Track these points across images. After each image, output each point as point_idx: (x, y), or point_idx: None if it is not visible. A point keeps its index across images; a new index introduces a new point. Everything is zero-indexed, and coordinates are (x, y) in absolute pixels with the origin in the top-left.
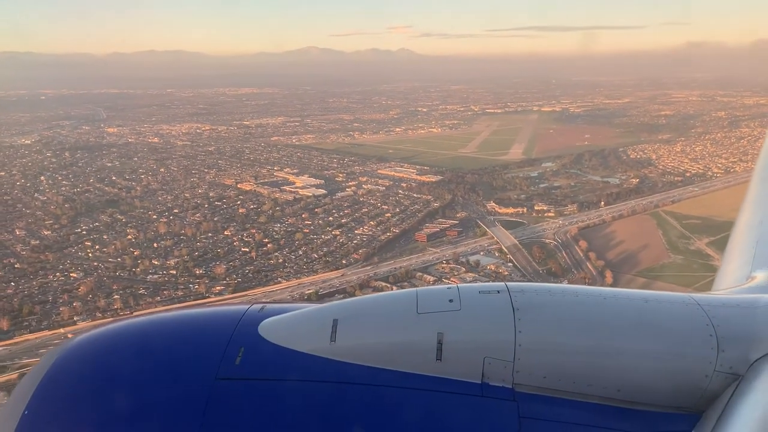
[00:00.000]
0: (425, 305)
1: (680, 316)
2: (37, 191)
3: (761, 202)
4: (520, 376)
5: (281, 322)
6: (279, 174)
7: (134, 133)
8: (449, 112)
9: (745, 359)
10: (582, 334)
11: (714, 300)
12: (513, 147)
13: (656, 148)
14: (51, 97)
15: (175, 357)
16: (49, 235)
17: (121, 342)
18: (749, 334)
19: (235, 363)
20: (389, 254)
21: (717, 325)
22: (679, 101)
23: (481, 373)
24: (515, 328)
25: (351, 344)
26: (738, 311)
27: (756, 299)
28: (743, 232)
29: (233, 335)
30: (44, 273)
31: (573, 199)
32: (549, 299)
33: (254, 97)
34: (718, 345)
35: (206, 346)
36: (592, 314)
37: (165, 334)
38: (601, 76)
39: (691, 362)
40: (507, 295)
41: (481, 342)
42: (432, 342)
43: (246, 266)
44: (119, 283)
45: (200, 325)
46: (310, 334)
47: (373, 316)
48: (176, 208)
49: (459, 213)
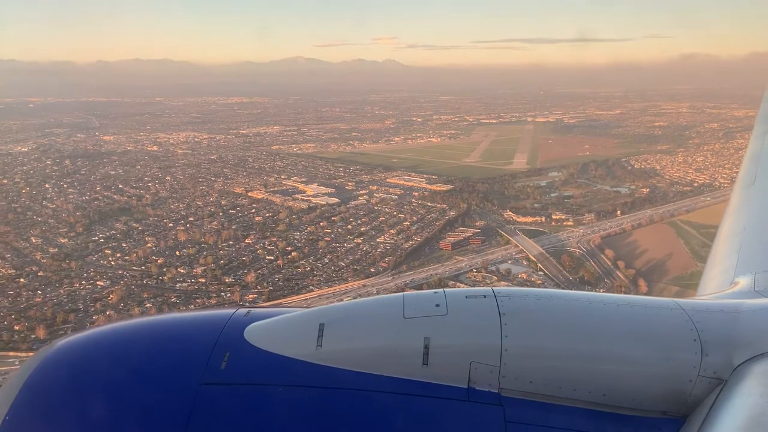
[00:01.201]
0: (412, 310)
1: (665, 321)
2: (45, 199)
3: (744, 209)
4: (507, 380)
5: (267, 327)
6: (287, 182)
7: (131, 141)
8: (444, 122)
9: (728, 364)
10: (568, 339)
11: (698, 305)
12: (516, 157)
13: (658, 159)
14: (39, 105)
15: (159, 361)
16: (67, 243)
17: (105, 346)
18: (733, 339)
19: (221, 368)
20: (416, 262)
21: (701, 330)
22: (669, 113)
23: (468, 378)
24: (502, 333)
25: (337, 349)
26: (722, 316)
27: (739, 304)
28: (727, 239)
29: (218, 340)
30: (69, 281)
31: (588, 208)
32: (535, 304)
33: (245, 106)
34: (702, 350)
35: (191, 351)
36: (578, 319)
37: (150, 338)
38: (587, 87)
39: (675, 367)
40: (494, 300)
41: (467, 347)
42: (419, 347)
43: (274, 274)
44: (149, 291)
45: (185, 330)
46: (297, 338)
47: (359, 321)
48: (191, 216)
49: (478, 222)
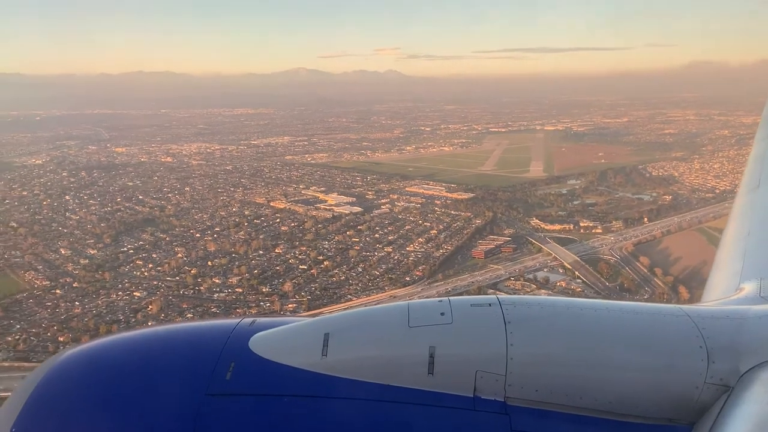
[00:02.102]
0: (417, 319)
1: (671, 328)
2: (68, 210)
3: (748, 214)
4: (512, 389)
5: (272, 337)
6: (307, 192)
7: (144, 152)
8: (453, 131)
9: (735, 371)
10: (573, 346)
11: (704, 312)
12: (531, 165)
13: (674, 166)
14: (45, 118)
15: (165, 372)
16: (97, 254)
17: (111, 357)
18: (739, 346)
19: (226, 378)
20: (451, 271)
21: (707, 337)
22: (677, 120)
23: (473, 387)
24: (507, 342)
25: (342, 358)
26: (727, 323)
27: (745, 311)
28: (731, 244)
29: (223, 350)
30: (106, 292)
31: (614, 215)
32: (540, 312)
33: (252, 117)
34: (709, 356)
35: (196, 361)
36: (583, 327)
37: (155, 348)
38: (590, 96)
39: (681, 374)
40: (498, 308)
41: (472, 355)
42: (424, 356)
43: (310, 283)
44: (187, 301)
45: (191, 340)
46: (302, 348)
47: (364, 330)
48: (217, 226)
49: (506, 230)
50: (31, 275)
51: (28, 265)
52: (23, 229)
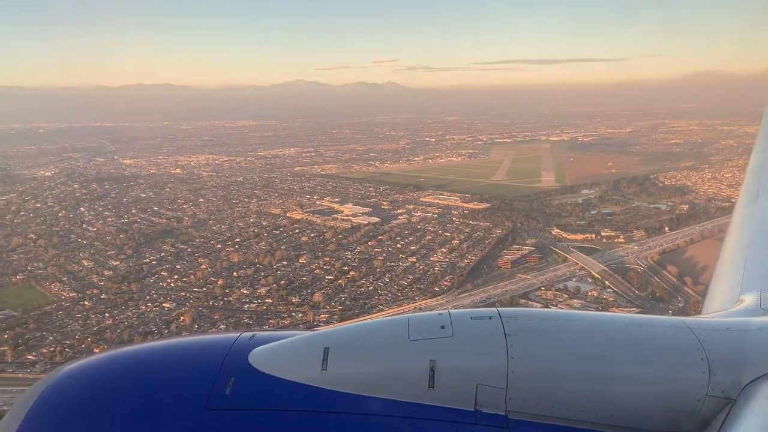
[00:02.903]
0: (417, 332)
1: (672, 341)
2: (84, 222)
3: (748, 225)
4: (513, 402)
5: (272, 351)
6: (322, 203)
7: (152, 164)
8: (458, 142)
9: (737, 383)
10: (574, 359)
11: (704, 324)
12: (543, 175)
13: (685, 175)
14: (49, 131)
15: (164, 387)
16: (120, 265)
17: (109, 372)
18: (740, 358)
19: (225, 393)
20: (479, 281)
21: (708, 349)
22: (681, 130)
23: (474, 401)
24: (507, 355)
25: (343, 372)
26: (729, 335)
27: (746, 322)
28: (731, 255)
29: (223, 365)
30: (134, 303)
31: (635, 225)
32: (541, 325)
33: (255, 129)
34: (710, 369)
35: (196, 376)
36: (584, 339)
37: (154, 363)
38: (590, 107)
39: (683, 386)
40: (499, 320)
41: (473, 369)
42: (424, 369)
43: (339, 294)
44: (218, 312)
45: (190, 355)
46: (301, 362)
47: (364, 344)
48: (236, 237)
49: (528, 239)
50: (56, 287)
51: (53, 276)
52: (42, 241)
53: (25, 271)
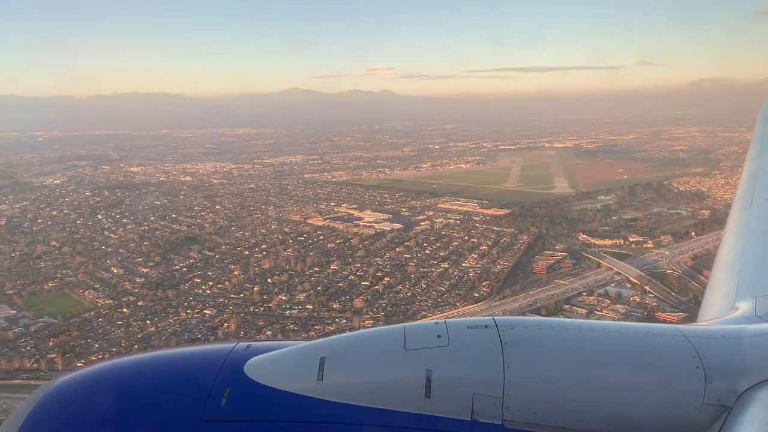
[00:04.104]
0: (413, 341)
1: (668, 349)
2: (104, 229)
3: (742, 232)
4: (510, 412)
5: (267, 361)
6: (340, 210)
7: (160, 172)
8: (463, 149)
9: (732, 391)
10: (571, 368)
11: (700, 331)
12: (555, 181)
13: (698, 181)
14: (48, 139)
15: (159, 398)
16: (150, 272)
17: (104, 383)
18: (736, 366)
19: (221, 404)
20: (516, 287)
21: (704, 357)
22: (683, 137)
23: (471, 410)
24: (504, 364)
25: (339, 382)
26: (724, 342)
27: (741, 330)
28: (726, 263)
29: (218, 375)
30: (174, 310)
31: (660, 230)
32: (537, 333)
33: (255, 137)
34: (706, 377)
35: (191, 387)
36: (580, 348)
37: (149, 374)
38: (588, 114)
39: (679, 395)
40: (495, 330)
41: (470, 378)
42: (421, 379)
43: (378, 300)
44: (261, 318)
45: (185, 365)
46: (297, 372)
47: (360, 354)
48: (262, 243)
49: (557, 245)
50: (90, 294)
51: (84, 284)
52: (67, 248)
53: (55, 278)
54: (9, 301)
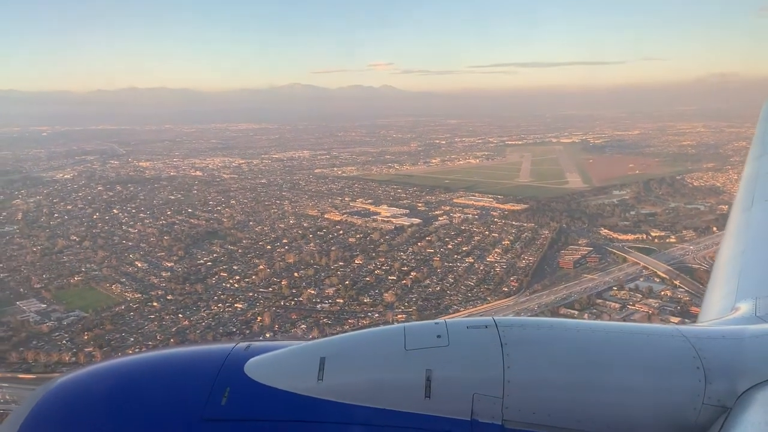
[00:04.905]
0: (413, 341)
1: (668, 349)
2: (122, 223)
3: (743, 233)
4: (510, 412)
5: (267, 361)
6: (355, 205)
7: (169, 167)
8: (469, 144)
9: (732, 391)
10: (570, 368)
11: (700, 332)
12: (567, 176)
13: (712, 176)
14: (51, 134)
15: (159, 398)
16: (175, 266)
17: (104, 383)
18: (736, 366)
19: (221, 403)
20: (546, 281)
21: (704, 358)
22: (689, 132)
23: (471, 410)
24: (504, 364)
25: (339, 382)
26: (724, 343)
27: (741, 330)
28: (726, 263)
29: (219, 375)
30: (205, 304)
31: (682, 224)
32: (537, 334)
33: (259, 132)
34: (706, 377)
35: (191, 387)
36: (580, 348)
37: (150, 374)
38: (590, 110)
39: (679, 395)
40: (495, 330)
41: (469, 378)
42: (420, 379)
43: (407, 294)
44: (294, 312)
45: (185, 365)
46: (297, 372)
47: (361, 354)
48: (283, 238)
49: (579, 240)
50: (118, 288)
51: (110, 278)
52: (87, 243)
53: (80, 272)
54: (37, 294)
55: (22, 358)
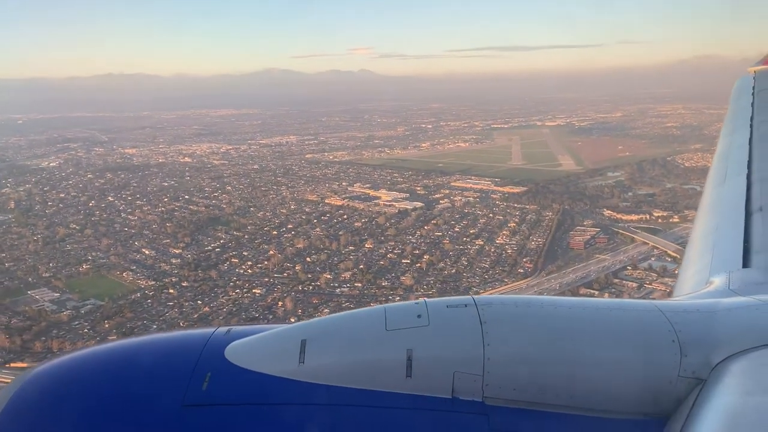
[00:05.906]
0: (394, 322)
1: (644, 324)
2: (120, 211)
3: (716, 208)
4: (490, 389)
5: (248, 345)
6: (353, 189)
7: (156, 153)
8: (456, 128)
9: (707, 363)
10: (549, 344)
11: (675, 306)
12: (559, 159)
13: (702, 157)
14: (27, 122)
15: (139, 384)
16: (183, 253)
17: (84, 371)
18: (710, 339)
19: (202, 389)
20: (560, 262)
21: (679, 331)
22: (671, 114)
23: (452, 388)
24: (483, 342)
25: (320, 365)
26: (698, 316)
27: (715, 303)
28: (700, 238)
29: (199, 360)
30: (222, 290)
31: (682, 205)
32: (515, 311)
33: (241, 118)
34: (681, 350)
35: (171, 373)
36: (558, 325)
37: (129, 361)
38: (570, 93)
39: (655, 368)
40: (474, 308)
41: (450, 357)
42: (401, 359)
43: (424, 277)
44: (315, 297)
45: (165, 351)
46: (278, 356)
47: (341, 335)
48: (288, 223)
49: (584, 221)
50: (129, 276)
51: (120, 265)
52: (89, 231)
53: (87, 260)
54: (48, 284)
55: (47, 347)
